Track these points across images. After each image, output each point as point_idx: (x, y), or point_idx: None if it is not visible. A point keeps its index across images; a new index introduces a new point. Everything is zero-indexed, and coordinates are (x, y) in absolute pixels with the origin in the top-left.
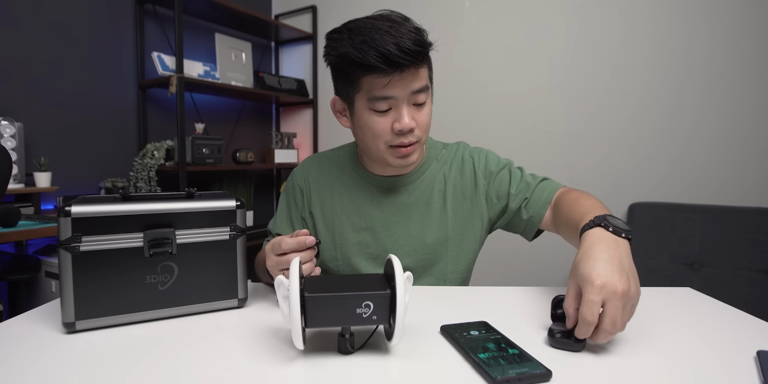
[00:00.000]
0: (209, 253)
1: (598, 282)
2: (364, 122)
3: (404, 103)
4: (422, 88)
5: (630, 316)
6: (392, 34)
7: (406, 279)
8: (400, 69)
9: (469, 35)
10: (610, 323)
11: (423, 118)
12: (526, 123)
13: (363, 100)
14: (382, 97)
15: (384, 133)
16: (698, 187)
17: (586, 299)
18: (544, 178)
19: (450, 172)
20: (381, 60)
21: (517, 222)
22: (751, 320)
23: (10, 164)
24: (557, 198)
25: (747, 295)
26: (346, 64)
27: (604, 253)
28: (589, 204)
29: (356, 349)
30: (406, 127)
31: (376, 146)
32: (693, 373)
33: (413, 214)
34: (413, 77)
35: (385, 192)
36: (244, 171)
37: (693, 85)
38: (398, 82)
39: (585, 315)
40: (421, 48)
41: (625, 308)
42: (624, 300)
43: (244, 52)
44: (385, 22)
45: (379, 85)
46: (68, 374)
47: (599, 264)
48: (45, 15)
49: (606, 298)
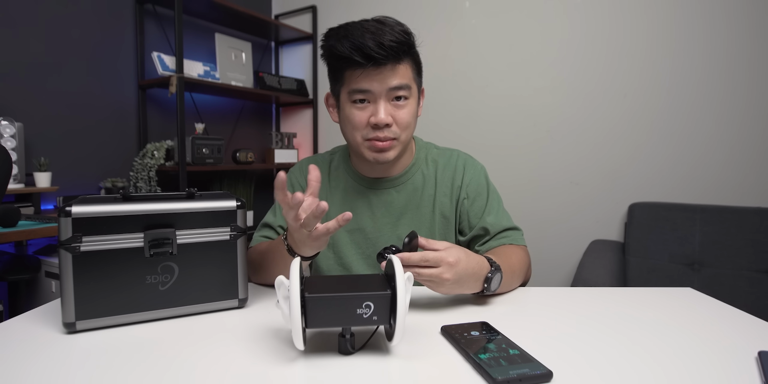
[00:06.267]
0: (210, 254)
1: (452, 259)
2: (345, 115)
3: (382, 98)
4: (401, 86)
5: (427, 279)
6: (374, 32)
7: (407, 279)
8: (375, 63)
9: (468, 35)
10: (427, 272)
11: (403, 116)
12: (526, 123)
13: (345, 94)
14: (359, 90)
15: (360, 125)
16: (698, 187)
17: (439, 256)
18: (512, 228)
19: (443, 177)
20: (357, 53)
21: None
22: (752, 320)
23: (10, 164)
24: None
25: (747, 295)
26: (330, 57)
27: (472, 263)
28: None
29: (357, 350)
30: (381, 122)
31: (354, 139)
32: (693, 373)
33: (403, 216)
34: (391, 73)
35: (375, 193)
36: (244, 171)
37: (693, 85)
38: (375, 77)
39: (427, 255)
40: (398, 45)
41: (435, 279)
42: (442, 277)
43: (244, 52)
44: (374, 23)
45: (356, 78)
46: (68, 374)
47: (465, 260)
48: (45, 15)
49: (443, 267)
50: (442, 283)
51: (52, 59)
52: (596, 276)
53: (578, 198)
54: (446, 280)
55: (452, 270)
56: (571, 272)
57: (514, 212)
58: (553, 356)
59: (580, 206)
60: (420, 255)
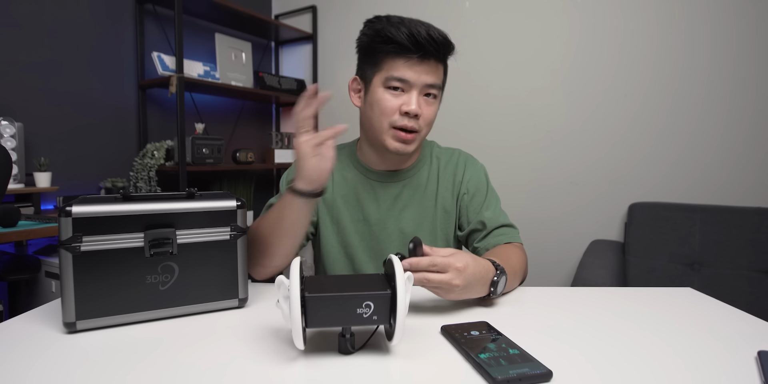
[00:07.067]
0: (210, 253)
1: (460, 264)
2: (376, 99)
3: (416, 89)
4: (435, 84)
5: (437, 285)
6: (425, 24)
7: (407, 279)
8: (422, 54)
9: (469, 35)
10: (437, 279)
11: (429, 112)
12: (526, 123)
13: (380, 79)
14: (399, 79)
15: (391, 111)
16: (698, 187)
17: (447, 262)
18: (508, 225)
19: (445, 173)
20: (410, 40)
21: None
22: (752, 320)
23: (10, 164)
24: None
25: (747, 295)
26: (377, 41)
27: (479, 267)
28: (512, 261)
29: (357, 350)
30: (413, 111)
31: (380, 124)
32: (693, 373)
33: (406, 210)
34: (431, 70)
35: (382, 186)
36: (244, 171)
37: (693, 85)
38: (417, 68)
39: (436, 260)
40: (447, 41)
41: (445, 286)
42: (452, 284)
43: (244, 52)
44: (419, 20)
45: (399, 66)
46: (68, 374)
47: (473, 264)
48: (45, 15)
49: (451, 273)
50: (451, 289)
51: (52, 59)
52: (596, 276)
53: (578, 198)
54: (456, 287)
55: (461, 276)
56: (571, 272)
57: (514, 212)
58: (552, 356)
59: (580, 206)
60: (428, 260)
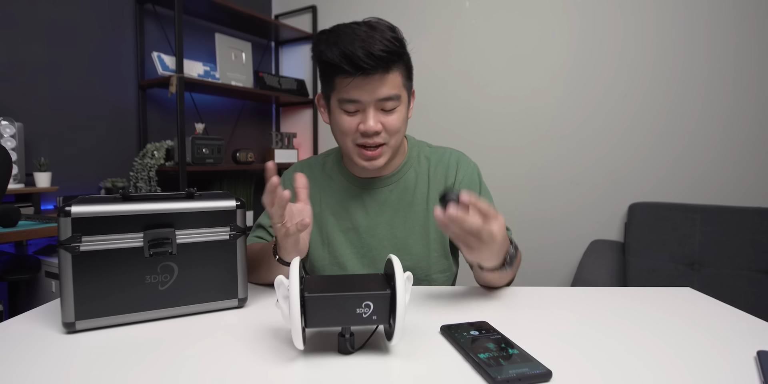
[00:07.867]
0: (209, 253)
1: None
2: (335, 120)
3: (371, 107)
4: (391, 96)
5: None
6: (364, 39)
7: (406, 279)
8: (364, 72)
9: (469, 35)
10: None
11: (392, 122)
12: (526, 123)
13: (335, 100)
14: (349, 100)
15: (350, 131)
16: (698, 187)
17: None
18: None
19: (435, 174)
20: (345, 61)
21: None
22: (751, 320)
23: (10, 164)
24: None
25: (747, 295)
26: (320, 62)
27: (504, 231)
28: None
29: (356, 349)
30: (370, 130)
31: (344, 144)
32: (693, 372)
33: (396, 215)
34: (380, 83)
35: (369, 193)
36: (244, 171)
37: (693, 85)
38: (364, 86)
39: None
40: (387, 55)
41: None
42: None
43: (244, 52)
44: (365, 28)
45: (346, 87)
46: (68, 374)
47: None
48: (45, 15)
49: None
50: (490, 224)
51: (52, 59)
52: (596, 276)
53: (578, 198)
54: (496, 235)
55: (499, 222)
56: (571, 272)
57: (513, 212)
58: (552, 356)
59: (580, 206)
60: (485, 203)
